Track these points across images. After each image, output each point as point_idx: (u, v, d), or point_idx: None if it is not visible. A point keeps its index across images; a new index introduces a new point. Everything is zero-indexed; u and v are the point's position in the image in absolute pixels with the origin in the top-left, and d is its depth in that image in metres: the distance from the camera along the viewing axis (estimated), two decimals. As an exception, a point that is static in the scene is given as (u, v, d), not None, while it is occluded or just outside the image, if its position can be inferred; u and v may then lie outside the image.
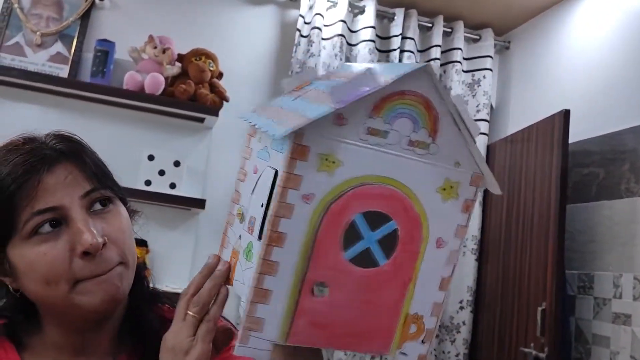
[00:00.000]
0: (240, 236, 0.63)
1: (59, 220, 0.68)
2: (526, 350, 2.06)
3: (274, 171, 0.56)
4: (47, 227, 0.67)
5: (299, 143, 0.53)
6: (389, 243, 0.56)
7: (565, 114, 2.11)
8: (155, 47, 2.20)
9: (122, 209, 0.75)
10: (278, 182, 0.54)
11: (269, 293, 0.55)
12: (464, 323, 2.46)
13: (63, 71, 2.20)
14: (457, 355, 2.44)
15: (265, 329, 0.56)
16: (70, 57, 2.23)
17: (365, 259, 0.56)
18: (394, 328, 0.58)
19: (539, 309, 2.01)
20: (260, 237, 0.57)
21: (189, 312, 0.64)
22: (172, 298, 0.83)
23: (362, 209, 0.55)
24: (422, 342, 0.59)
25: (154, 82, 2.16)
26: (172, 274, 2.17)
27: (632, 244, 1.92)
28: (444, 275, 0.59)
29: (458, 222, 0.58)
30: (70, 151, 0.71)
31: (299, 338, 0.57)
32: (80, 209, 0.69)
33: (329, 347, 0.58)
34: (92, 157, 0.74)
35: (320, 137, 0.53)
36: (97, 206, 0.71)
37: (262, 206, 0.57)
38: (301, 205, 0.54)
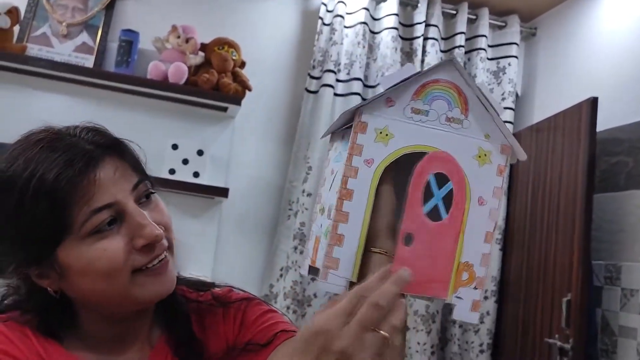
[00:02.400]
0: (321, 225, 0.73)
1: (115, 216, 0.68)
2: (551, 341, 2.04)
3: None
4: (104, 224, 0.67)
5: (359, 120, 0.68)
6: (448, 200, 0.68)
7: (593, 101, 2.06)
8: (179, 37, 2.21)
9: (159, 198, 0.76)
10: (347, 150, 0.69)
11: (342, 237, 0.66)
12: (487, 313, 2.44)
13: (88, 61, 2.23)
14: (480, 345, 2.43)
15: (341, 268, 0.66)
16: (96, 47, 2.26)
17: (434, 214, 0.67)
18: (449, 274, 0.67)
19: (564, 299, 1.99)
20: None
21: (381, 332, 0.55)
22: (187, 280, 0.86)
23: (434, 170, 0.67)
24: (475, 288, 0.67)
25: (178, 71, 2.17)
26: (195, 262, 2.19)
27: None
28: (488, 230, 0.68)
29: (494, 184, 0.69)
30: (111, 145, 0.72)
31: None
32: (133, 202, 0.70)
33: (414, 294, 0.67)
34: (130, 150, 0.75)
35: (375, 116, 0.68)
36: (143, 198, 0.73)
37: (336, 193, 0.68)
38: (364, 168, 0.67)
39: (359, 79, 2.47)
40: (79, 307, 0.74)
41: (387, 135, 0.68)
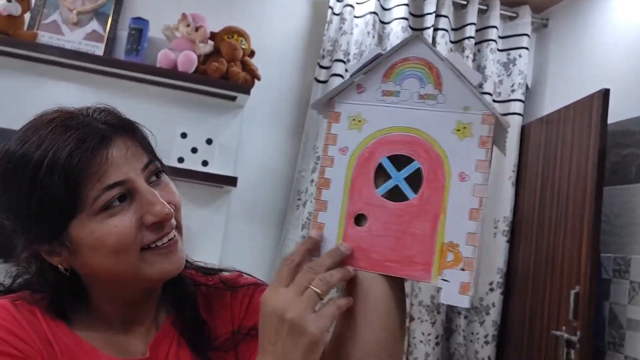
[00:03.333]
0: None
1: (125, 193, 0.69)
2: (558, 333, 2.04)
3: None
4: (115, 201, 0.68)
5: (332, 110, 0.70)
6: (415, 180, 0.66)
7: (605, 93, 2.05)
8: (189, 25, 2.21)
9: (169, 178, 0.77)
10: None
11: (322, 225, 0.69)
12: (493, 305, 2.44)
13: (99, 49, 2.23)
14: (485, 336, 2.43)
15: (323, 254, 0.68)
16: (106, 35, 2.26)
17: (396, 195, 0.67)
18: (432, 256, 0.65)
19: (572, 292, 1.98)
20: None
21: (312, 287, 0.63)
22: (196, 265, 0.87)
23: (387, 153, 0.67)
24: (462, 269, 0.64)
25: (187, 60, 2.17)
26: (204, 251, 2.20)
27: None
28: (472, 206, 0.64)
29: (477, 157, 0.65)
30: (123, 125, 0.73)
31: (348, 261, 0.68)
32: (143, 181, 0.71)
33: (372, 271, 0.66)
34: (141, 131, 0.76)
35: (347, 104, 0.69)
36: (153, 177, 0.73)
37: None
38: (339, 156, 0.69)
39: (368, 69, 2.45)
40: (88, 285, 0.75)
41: (360, 121, 0.68)
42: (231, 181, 2.24)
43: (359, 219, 0.68)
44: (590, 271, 1.96)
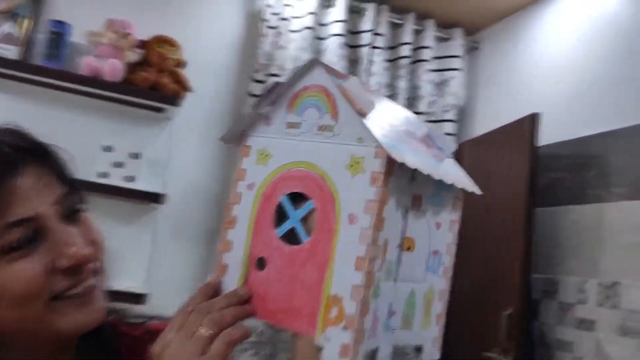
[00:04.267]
0: None
1: (34, 232, 0.59)
2: (490, 354, 2.04)
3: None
4: (21, 241, 0.58)
5: (244, 144, 0.66)
6: (309, 221, 0.60)
7: (534, 117, 2.09)
8: (117, 32, 2.08)
9: (89, 213, 0.67)
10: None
11: (225, 267, 0.63)
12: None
13: (13, 53, 2.05)
14: (419, 357, 2.41)
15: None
16: (22, 39, 2.08)
17: (292, 237, 0.60)
18: (317, 309, 0.57)
19: (505, 313, 2.00)
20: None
21: (201, 328, 0.57)
22: (121, 311, 0.77)
23: (286, 190, 0.61)
24: (345, 327, 0.55)
25: (114, 68, 2.04)
26: (128, 272, 2.06)
27: (597, 249, 1.93)
28: (358, 254, 0.55)
29: (367, 196, 0.56)
30: (34, 150, 0.62)
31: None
32: (57, 217, 0.61)
33: (266, 320, 0.61)
34: (57, 156, 0.65)
35: (256, 137, 0.65)
36: (70, 212, 0.63)
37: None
38: (246, 193, 0.64)
39: (304, 84, 2.41)
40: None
41: (266, 155, 0.64)
42: (159, 198, 2.11)
43: (262, 263, 0.61)
44: (521, 292, 1.98)
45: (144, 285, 2.11)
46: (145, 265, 2.17)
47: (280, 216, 0.61)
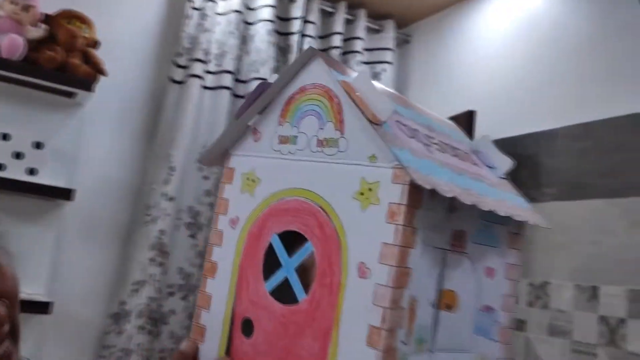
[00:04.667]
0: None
1: None
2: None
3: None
4: None
5: (227, 166, 0.52)
6: (307, 272, 0.45)
7: (470, 114, 2.07)
8: (16, 3, 1.82)
9: None
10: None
11: (204, 330, 0.50)
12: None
13: None
14: None
15: None
16: None
17: (286, 292, 0.46)
18: None
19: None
20: None
21: None
22: None
23: (277, 229, 0.46)
24: None
25: (13, 44, 1.79)
26: (30, 278, 1.82)
27: (528, 249, 1.93)
28: (371, 322, 0.40)
29: (383, 238, 0.41)
30: None
31: None
32: None
33: None
34: None
35: (242, 156, 0.51)
36: None
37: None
38: (229, 231, 0.50)
39: (230, 71, 2.25)
40: None
41: (253, 181, 0.49)
42: (65, 194, 1.89)
43: (248, 326, 0.46)
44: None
45: (48, 292, 1.88)
46: (50, 269, 1.94)
47: (271, 262, 0.46)
